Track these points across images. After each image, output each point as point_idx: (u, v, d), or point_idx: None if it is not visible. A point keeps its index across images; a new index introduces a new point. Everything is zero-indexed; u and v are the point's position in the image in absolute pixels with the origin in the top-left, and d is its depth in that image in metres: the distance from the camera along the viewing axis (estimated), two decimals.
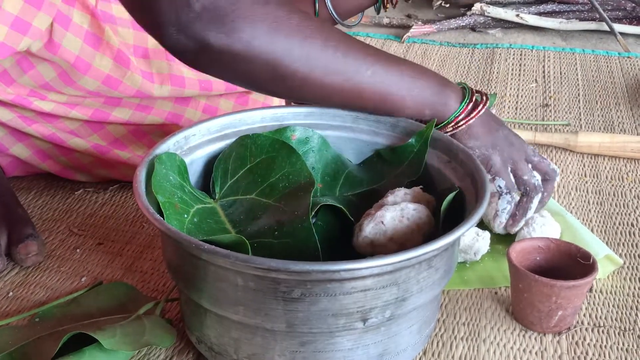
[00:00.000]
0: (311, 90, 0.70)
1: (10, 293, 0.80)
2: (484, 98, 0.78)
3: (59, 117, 0.92)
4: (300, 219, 0.66)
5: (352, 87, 0.71)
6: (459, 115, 0.76)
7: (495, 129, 0.78)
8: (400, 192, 0.72)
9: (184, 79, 0.94)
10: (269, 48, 0.66)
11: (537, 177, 0.80)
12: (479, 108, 0.77)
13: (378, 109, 0.77)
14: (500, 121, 0.80)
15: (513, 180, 0.79)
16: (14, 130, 0.93)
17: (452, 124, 0.77)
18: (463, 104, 0.76)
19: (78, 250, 0.87)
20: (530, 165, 0.80)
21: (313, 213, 0.69)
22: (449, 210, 0.69)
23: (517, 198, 0.81)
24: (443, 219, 0.69)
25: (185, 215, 0.67)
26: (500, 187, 0.79)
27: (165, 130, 0.96)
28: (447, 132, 0.77)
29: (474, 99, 0.77)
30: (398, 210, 0.68)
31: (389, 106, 0.75)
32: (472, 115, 0.77)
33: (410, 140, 0.77)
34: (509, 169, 0.79)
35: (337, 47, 0.69)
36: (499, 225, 0.83)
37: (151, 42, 0.91)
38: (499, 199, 0.81)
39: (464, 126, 0.77)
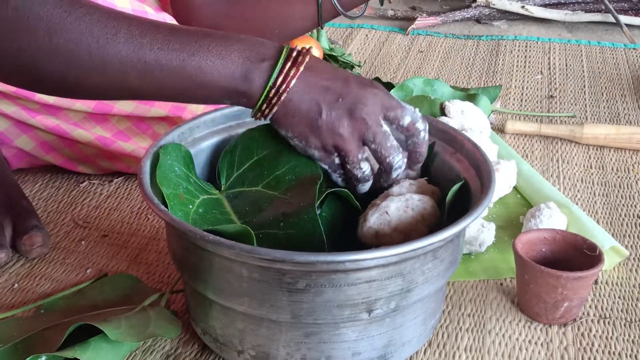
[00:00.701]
0: (74, 89, 0.63)
1: (16, 285, 0.80)
2: (295, 69, 0.63)
3: (62, 109, 0.92)
4: (306, 210, 0.65)
5: (108, 81, 0.62)
6: (264, 101, 0.64)
7: (315, 113, 0.64)
8: (406, 183, 0.71)
9: None
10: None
11: (364, 169, 0.68)
12: (281, 91, 0.63)
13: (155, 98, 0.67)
14: (333, 93, 0.64)
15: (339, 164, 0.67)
16: (18, 122, 0.93)
17: (261, 113, 0.65)
18: (265, 92, 0.63)
19: (83, 242, 0.87)
20: (365, 151, 0.67)
21: (318, 203, 0.69)
22: (454, 201, 0.69)
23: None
24: (449, 210, 0.68)
25: (190, 206, 0.67)
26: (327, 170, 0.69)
27: (169, 122, 0.96)
28: (259, 118, 0.66)
29: (278, 82, 0.63)
30: (403, 200, 0.68)
31: (180, 98, 0.65)
32: (274, 102, 0.63)
33: None
34: (335, 154, 0.67)
35: (89, 35, 0.60)
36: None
37: None
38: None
39: (269, 114, 0.65)
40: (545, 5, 1.63)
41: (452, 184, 0.70)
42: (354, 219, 0.71)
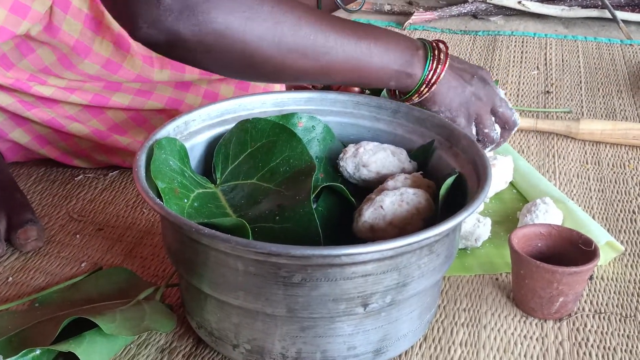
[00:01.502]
0: (285, 73, 0.71)
1: (10, 278, 0.80)
2: (444, 56, 0.77)
3: (58, 102, 0.92)
4: (302, 204, 0.65)
5: (322, 67, 0.72)
6: (422, 84, 0.77)
7: (461, 87, 0.79)
8: (401, 177, 0.71)
9: None
10: (242, 37, 0.66)
11: (497, 130, 0.82)
12: (439, 72, 0.77)
13: (345, 82, 0.78)
14: (468, 73, 0.81)
15: (475, 131, 0.82)
16: (14, 115, 0.92)
17: (418, 93, 0.78)
18: (425, 71, 0.76)
19: (78, 235, 0.87)
20: (493, 118, 0.82)
21: (314, 197, 0.68)
22: (451, 196, 0.69)
23: None
24: (445, 205, 0.68)
25: (185, 200, 0.66)
26: None
27: (166, 116, 0.95)
28: (414, 101, 0.78)
29: (434, 66, 0.77)
30: (397, 194, 0.68)
31: (356, 81, 0.77)
32: (433, 81, 0.77)
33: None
34: (473, 123, 0.81)
35: (309, 29, 0.69)
36: None
37: None
38: None
39: (427, 94, 0.78)
40: (541, 1, 1.62)
41: (448, 178, 0.70)
42: (350, 213, 0.71)
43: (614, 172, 1.02)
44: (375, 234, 0.67)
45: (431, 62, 0.76)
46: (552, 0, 1.63)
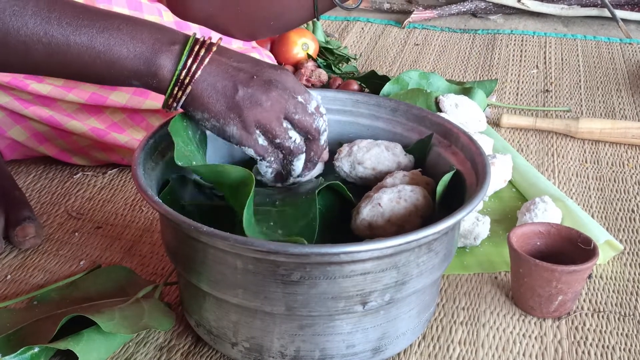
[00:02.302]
0: None
1: (9, 276, 0.80)
2: (207, 52, 0.65)
3: (56, 100, 0.92)
4: (306, 192, 0.65)
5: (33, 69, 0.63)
6: (175, 85, 0.65)
7: (231, 90, 0.65)
8: (399, 174, 0.71)
9: None
10: None
11: (294, 138, 0.69)
12: (194, 71, 0.64)
13: (85, 78, 0.68)
14: (245, 73, 0.66)
15: (265, 143, 0.68)
16: (12, 112, 0.92)
17: (172, 97, 0.66)
18: (177, 70, 0.64)
19: (76, 233, 0.87)
20: (288, 124, 0.68)
21: None
22: (450, 194, 0.69)
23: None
24: (444, 203, 0.68)
25: (194, 162, 0.67)
26: (253, 156, 0.69)
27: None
28: (173, 107, 0.67)
29: (189, 64, 0.64)
30: (395, 192, 0.68)
31: (82, 78, 0.67)
32: (186, 83, 0.65)
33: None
34: (257, 132, 0.67)
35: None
36: (270, 181, 0.73)
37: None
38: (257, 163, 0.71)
39: (183, 97, 0.65)
40: (541, 0, 1.62)
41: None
42: (348, 211, 0.71)
43: (613, 171, 1.02)
44: (374, 232, 0.67)
45: (186, 58, 0.64)
46: None
